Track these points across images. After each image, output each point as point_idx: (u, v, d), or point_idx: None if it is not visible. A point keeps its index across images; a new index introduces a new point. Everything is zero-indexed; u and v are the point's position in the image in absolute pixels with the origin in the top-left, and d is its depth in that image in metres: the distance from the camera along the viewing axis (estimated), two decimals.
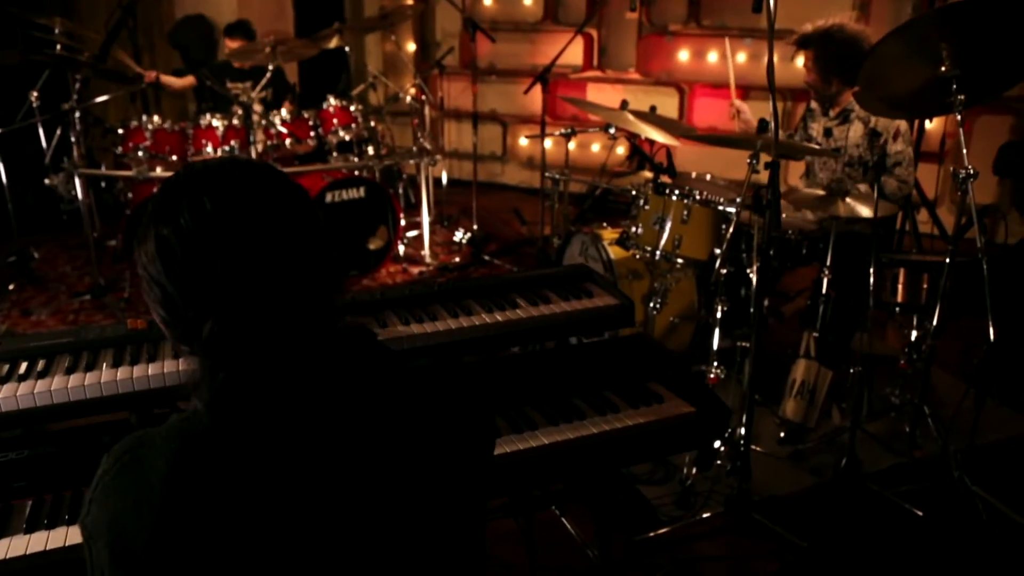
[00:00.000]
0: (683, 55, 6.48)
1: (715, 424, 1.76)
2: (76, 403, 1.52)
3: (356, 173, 4.80)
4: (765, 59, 2.28)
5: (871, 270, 2.90)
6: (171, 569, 0.82)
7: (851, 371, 3.06)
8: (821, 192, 3.08)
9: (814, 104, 3.59)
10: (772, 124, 2.52)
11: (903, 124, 3.32)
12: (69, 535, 1.34)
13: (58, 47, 4.55)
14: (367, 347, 1.00)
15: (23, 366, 1.60)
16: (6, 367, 1.60)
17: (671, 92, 6.46)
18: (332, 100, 4.90)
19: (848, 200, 3.00)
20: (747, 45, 6.21)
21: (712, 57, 6.38)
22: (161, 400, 1.60)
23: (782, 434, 3.16)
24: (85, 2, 6.49)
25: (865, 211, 2.97)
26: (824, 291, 3.12)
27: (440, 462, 0.97)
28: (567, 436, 1.62)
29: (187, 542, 0.82)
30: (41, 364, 1.61)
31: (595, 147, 6.91)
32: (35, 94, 4.50)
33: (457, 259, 5.29)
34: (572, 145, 4.37)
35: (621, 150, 6.60)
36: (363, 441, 0.92)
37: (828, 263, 3.11)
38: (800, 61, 3.51)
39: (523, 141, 7.30)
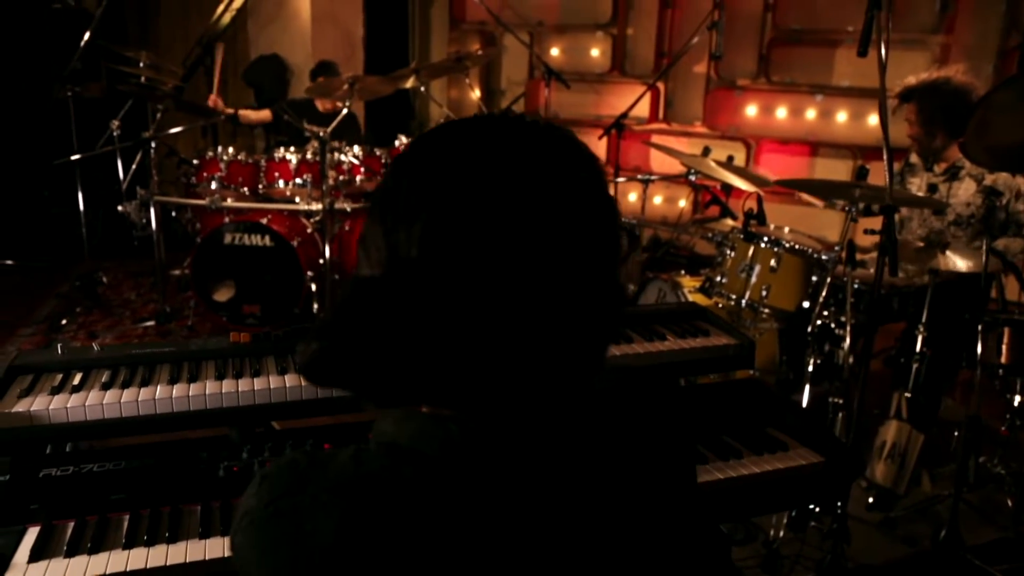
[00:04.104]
0: (751, 110, 6.42)
1: (847, 475, 1.63)
2: (179, 415, 1.44)
3: None
4: (835, 116, 2.22)
5: (978, 328, 2.74)
6: None
7: (956, 434, 2.88)
8: (920, 243, 2.96)
9: (914, 158, 3.47)
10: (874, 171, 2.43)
11: None
12: (170, 555, 1.26)
13: (143, 78, 4.66)
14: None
15: (124, 373, 1.54)
16: (107, 373, 1.54)
17: (738, 146, 6.39)
18: (404, 139, 4.92)
19: (948, 253, 2.87)
20: (817, 101, 6.14)
21: (781, 113, 6.31)
22: (264, 417, 1.52)
23: (870, 499, 2.98)
24: (164, 38, 6.71)
25: (963, 265, 2.84)
26: (919, 349, 2.97)
27: (669, 498, 0.80)
28: None
29: None
30: (142, 372, 1.55)
31: (657, 199, 6.85)
32: (116, 123, 4.59)
33: None
34: (634, 196, 4.31)
35: (683, 202, 6.53)
36: (592, 496, 0.74)
37: (924, 319, 2.97)
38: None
39: None
